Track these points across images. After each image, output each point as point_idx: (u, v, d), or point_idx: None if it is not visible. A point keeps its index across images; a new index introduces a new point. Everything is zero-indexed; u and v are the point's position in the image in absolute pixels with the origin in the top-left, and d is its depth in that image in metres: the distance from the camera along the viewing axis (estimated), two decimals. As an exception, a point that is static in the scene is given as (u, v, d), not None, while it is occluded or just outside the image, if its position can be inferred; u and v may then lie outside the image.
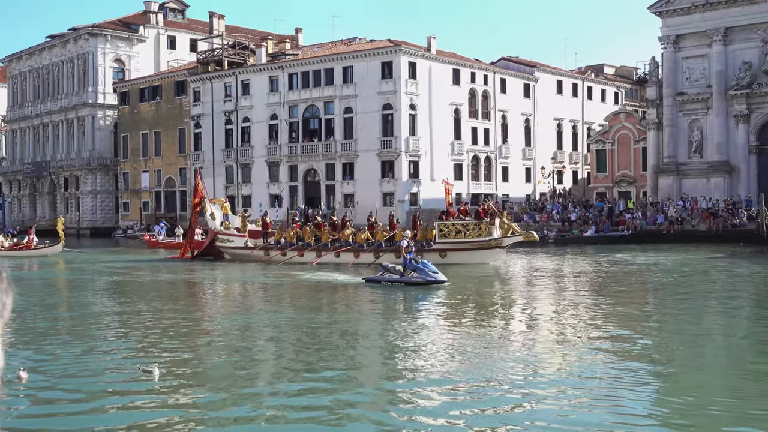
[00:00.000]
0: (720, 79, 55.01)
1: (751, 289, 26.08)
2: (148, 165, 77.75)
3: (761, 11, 53.53)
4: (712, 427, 9.72)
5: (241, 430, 9.84)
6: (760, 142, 54.45)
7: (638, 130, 61.56)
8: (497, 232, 33.26)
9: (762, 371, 12.99)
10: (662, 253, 39.78)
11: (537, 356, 14.08)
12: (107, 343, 16.23)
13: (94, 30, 79.47)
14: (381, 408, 10.76)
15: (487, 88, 68.49)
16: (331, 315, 19.82)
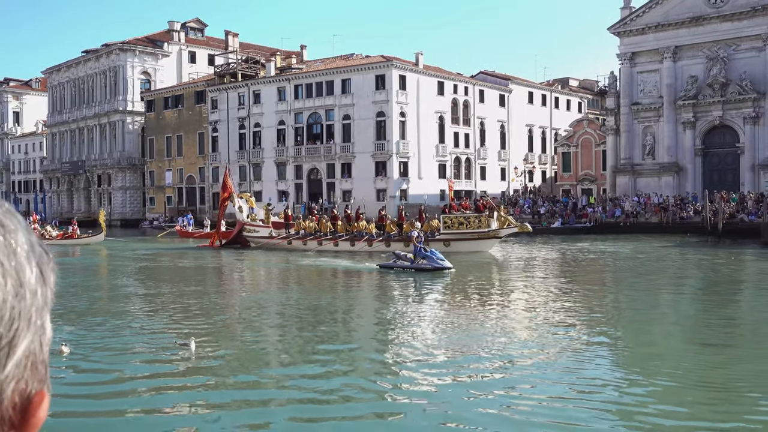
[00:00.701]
0: (670, 91, 55.10)
1: (696, 272, 26.14)
2: (172, 164, 77.50)
3: (705, 32, 53.59)
4: (663, 392, 9.71)
5: (263, 394, 9.74)
6: (704, 146, 54.59)
7: (599, 135, 61.63)
8: (495, 224, 33.04)
9: (705, 342, 13.02)
10: (619, 242, 39.85)
11: (516, 331, 14.10)
12: (148, 319, 16.05)
13: (124, 46, 79.15)
14: (387, 373, 10.72)
15: (468, 98, 68.44)
16: (352, 295, 19.56)
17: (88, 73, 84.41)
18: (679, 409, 8.88)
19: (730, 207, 46.70)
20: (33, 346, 0.44)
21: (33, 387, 0.45)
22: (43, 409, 0.46)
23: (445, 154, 65.88)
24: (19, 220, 0.48)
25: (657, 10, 55.53)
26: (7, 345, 0.41)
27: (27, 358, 0.44)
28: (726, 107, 52.92)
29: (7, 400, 0.43)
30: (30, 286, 0.44)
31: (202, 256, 35.51)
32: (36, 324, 0.45)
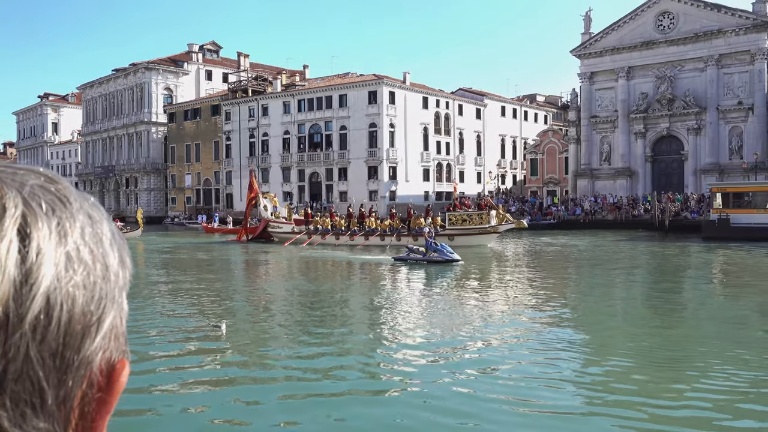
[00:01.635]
0: (624, 105, 55.14)
1: (646, 262, 26.13)
2: (191, 169, 77.03)
3: (655, 55, 53.66)
4: (616, 366, 9.60)
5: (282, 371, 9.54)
6: (653, 153, 54.66)
7: (562, 143, 61.66)
8: (494, 221, 32.51)
9: (653, 324, 12.92)
10: (580, 237, 39.82)
11: (495, 314, 13.96)
12: (189, 301, 15.80)
13: (149, 65, 78.57)
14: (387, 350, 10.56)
15: (448, 112, 68.24)
16: (372, 284, 19.11)
17: (117, 89, 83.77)
18: (629, 383, 8.77)
19: (676, 206, 46.79)
20: (116, 321, 0.47)
21: (116, 356, 0.48)
22: (124, 375, 0.48)
23: (429, 160, 65.70)
24: (102, 211, 0.50)
25: (613, 35, 55.54)
26: (97, 321, 0.44)
27: (111, 332, 0.46)
28: (672, 120, 52.99)
29: (96, 367, 0.45)
30: (113, 269, 0.47)
31: (233, 249, 34.83)
32: (118, 302, 0.47)
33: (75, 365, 0.43)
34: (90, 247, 0.45)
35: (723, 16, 50.75)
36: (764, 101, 49.42)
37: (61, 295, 0.40)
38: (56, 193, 0.45)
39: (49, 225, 0.41)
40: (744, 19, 49.92)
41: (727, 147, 50.96)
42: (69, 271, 0.41)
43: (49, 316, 0.40)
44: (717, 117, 51.09)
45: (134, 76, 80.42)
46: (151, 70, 78.47)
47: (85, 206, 0.48)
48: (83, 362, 0.44)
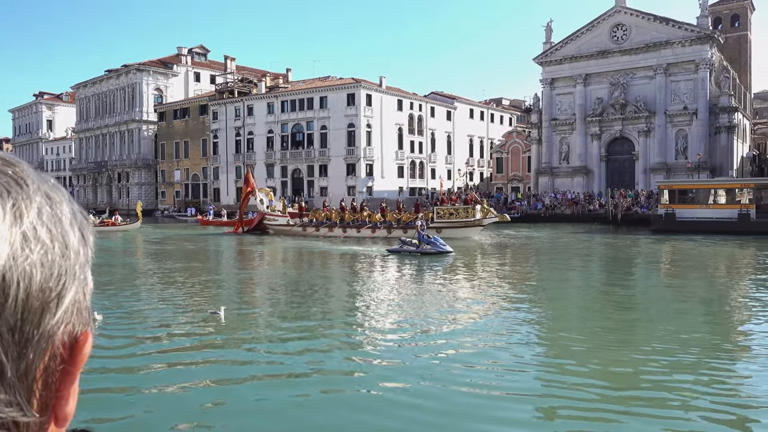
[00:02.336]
0: (581, 109, 55.73)
1: (602, 252, 26.60)
2: (180, 165, 76.15)
3: (609, 63, 54.31)
4: (571, 348, 9.84)
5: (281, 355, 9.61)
6: (608, 153, 55.38)
7: (525, 144, 62.19)
8: (479, 214, 32.29)
9: (607, 309, 13.26)
10: (541, 229, 40.31)
11: (468, 302, 14.17)
12: (189, 289, 15.73)
13: (140, 67, 77.30)
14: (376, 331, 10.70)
15: (421, 113, 68.43)
16: (368, 275, 18.84)
17: (110, 89, 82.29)
18: (584, 365, 9.01)
19: (627, 202, 47.53)
20: (78, 296, 0.46)
21: (79, 329, 0.47)
22: (87, 346, 0.47)
23: (403, 159, 65.87)
24: (63, 193, 0.49)
25: (571, 45, 56.12)
26: (57, 296, 0.43)
27: (73, 306, 0.45)
28: (625, 123, 53.70)
29: (58, 340, 0.44)
30: (74, 247, 0.46)
31: (230, 241, 34.08)
32: (80, 278, 0.46)
33: (35, 339, 0.43)
34: (48, 227, 0.44)
35: (671, 29, 51.60)
36: (707, 107, 50.43)
37: (17, 273, 0.40)
38: (13, 175, 0.43)
39: (3, 206, 0.40)
40: (689, 31, 50.82)
41: (673, 148, 51.86)
42: (25, 250, 0.41)
43: (6, 294, 0.39)
44: (665, 121, 51.96)
45: (126, 76, 79.10)
46: (142, 71, 77.25)
47: (44, 188, 0.46)
48: (44, 336, 0.43)
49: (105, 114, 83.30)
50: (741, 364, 8.65)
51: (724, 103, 50.42)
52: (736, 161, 52.15)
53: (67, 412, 0.47)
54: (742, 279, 18.44)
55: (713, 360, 8.76)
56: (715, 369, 8.28)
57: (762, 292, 15.62)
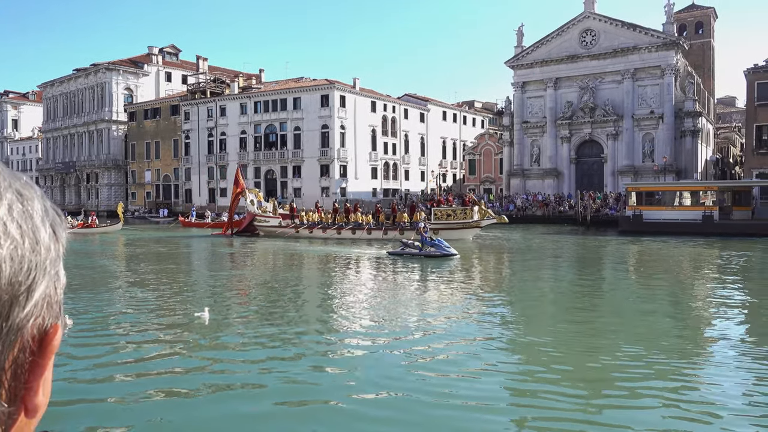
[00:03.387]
0: (551, 112, 56.43)
1: (571, 253, 27.03)
2: (150, 165, 75.05)
3: (579, 68, 55.14)
4: (542, 343, 10.04)
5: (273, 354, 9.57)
6: (577, 156, 56.18)
7: (497, 146, 62.73)
8: (476, 216, 31.79)
9: (576, 308, 13.53)
10: (513, 231, 40.73)
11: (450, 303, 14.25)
12: (171, 292, 15.55)
13: (110, 66, 76.02)
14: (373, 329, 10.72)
15: (395, 115, 68.66)
16: (374, 278, 18.07)
17: (78, 88, 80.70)
18: (560, 360, 9.19)
19: (596, 203, 48.36)
20: (48, 290, 0.46)
21: (48, 322, 0.47)
22: (57, 339, 0.47)
23: (377, 160, 65.99)
24: (35, 190, 0.50)
25: (542, 49, 56.87)
26: (26, 290, 0.44)
27: (43, 300, 0.45)
28: (594, 126, 54.57)
29: (28, 333, 0.45)
30: (44, 243, 0.46)
31: (222, 243, 32.75)
32: (50, 273, 0.46)
33: (4, 331, 0.43)
34: (18, 222, 0.44)
35: (638, 35, 52.70)
36: (672, 111, 51.62)
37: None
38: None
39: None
40: (655, 38, 51.97)
41: (640, 151, 52.91)
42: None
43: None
44: (632, 124, 52.98)
45: (95, 76, 77.68)
46: (111, 70, 75.97)
47: (15, 185, 0.48)
48: (12, 329, 0.44)
49: (73, 113, 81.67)
50: (706, 364, 8.94)
51: (688, 108, 51.67)
52: (701, 164, 53.47)
53: (37, 403, 0.47)
54: (707, 278, 18.99)
55: (680, 361, 9.03)
56: (681, 369, 8.54)
57: (726, 290, 16.12)
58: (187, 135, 70.96)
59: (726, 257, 24.45)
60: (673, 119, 51.54)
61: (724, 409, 6.78)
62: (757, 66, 47.33)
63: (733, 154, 75.38)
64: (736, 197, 41.08)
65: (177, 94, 75.20)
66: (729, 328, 11.17)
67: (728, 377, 7.99)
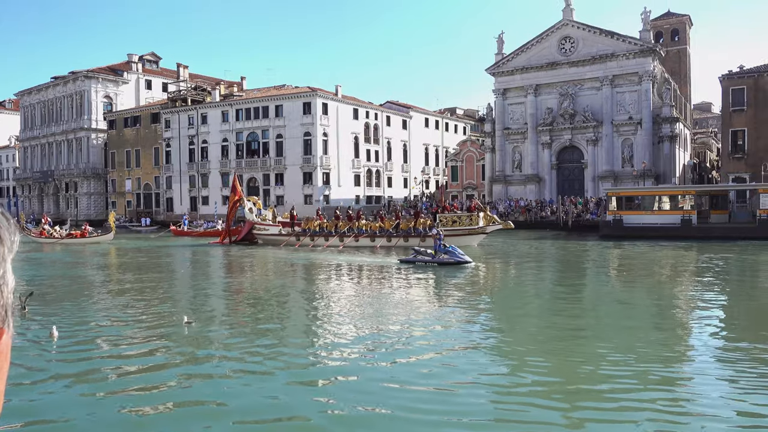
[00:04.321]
0: (532, 119, 56.95)
1: (552, 255, 27.36)
2: (131, 174, 74.31)
3: (558, 75, 55.78)
4: (523, 343, 10.20)
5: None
6: (558, 162, 56.73)
7: (479, 152, 63.13)
8: (482, 222, 31.41)
9: (559, 311, 13.73)
10: (496, 236, 40.97)
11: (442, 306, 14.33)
12: (168, 302, 15.44)
13: (89, 74, 75.26)
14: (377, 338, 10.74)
15: (377, 122, 68.85)
16: (390, 286, 17.38)
17: (56, 96, 79.70)
18: (537, 357, 9.34)
19: (577, 209, 48.91)
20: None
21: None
22: (3, 344, 0.45)
23: (360, 167, 66.08)
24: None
25: (522, 56, 57.48)
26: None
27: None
28: (574, 132, 55.19)
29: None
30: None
31: (221, 253, 31.57)
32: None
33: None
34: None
35: (616, 42, 53.55)
36: (650, 117, 52.47)
37: None
38: None
39: None
40: (633, 45, 52.85)
41: (620, 156, 53.64)
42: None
43: None
44: (611, 130, 53.71)
45: (74, 83, 76.81)
46: (90, 78, 75.22)
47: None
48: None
49: (51, 122, 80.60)
50: (686, 367, 9.15)
51: (666, 114, 52.56)
52: (678, 169, 54.37)
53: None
54: (686, 282, 19.35)
55: (660, 365, 9.23)
56: (661, 373, 8.74)
57: (705, 294, 16.46)
58: (167, 143, 70.46)
59: (704, 260, 24.92)
60: (651, 125, 52.36)
61: (704, 413, 6.97)
62: (732, 72, 48.40)
63: (709, 159, 76.80)
64: (714, 201, 41.88)
65: (157, 102, 74.69)
66: (708, 331, 11.44)
67: (707, 380, 8.20)
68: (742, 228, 37.53)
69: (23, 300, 12.94)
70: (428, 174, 75.82)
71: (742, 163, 47.25)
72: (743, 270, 22.79)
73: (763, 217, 36.95)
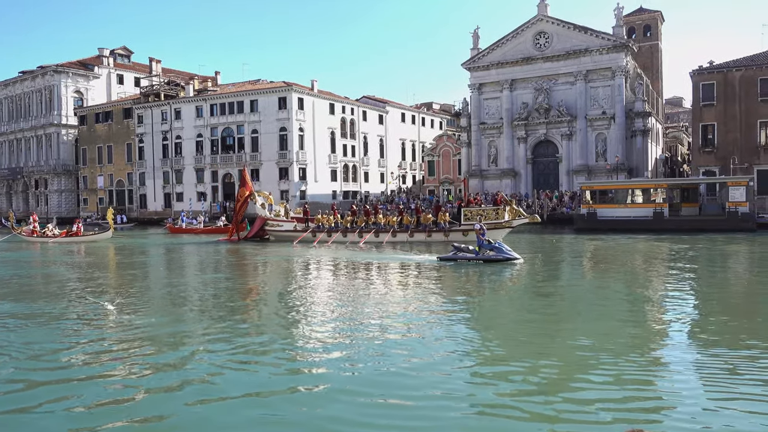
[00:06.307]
0: (508, 113, 57.41)
1: (528, 248, 27.61)
2: (103, 170, 73.05)
3: (533, 70, 56.28)
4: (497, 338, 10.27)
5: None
6: (534, 156, 57.29)
7: (455, 147, 63.42)
8: (507, 216, 30.46)
9: (535, 303, 13.87)
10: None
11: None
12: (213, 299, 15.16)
13: (58, 68, 73.72)
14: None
15: (354, 117, 68.76)
16: (443, 288, 15.90)
17: (24, 91, 77.92)
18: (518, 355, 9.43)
19: (552, 202, 49.50)
20: None
21: None
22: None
23: (336, 162, 65.96)
24: None
25: (497, 51, 57.85)
26: None
27: None
28: (549, 127, 55.80)
29: None
30: None
31: (233, 250, 29.77)
32: None
33: None
34: None
35: (589, 38, 54.20)
36: (623, 111, 53.25)
37: None
38: None
39: None
40: (606, 40, 53.55)
41: (594, 151, 54.38)
42: None
43: None
44: (585, 125, 54.41)
45: (42, 78, 75.22)
46: (60, 73, 73.72)
47: None
48: None
49: (19, 117, 78.84)
50: (660, 360, 9.33)
51: (638, 109, 53.40)
52: (651, 163, 55.30)
53: None
54: (658, 273, 19.73)
55: (632, 358, 9.40)
56: (634, 365, 8.91)
57: (678, 283, 16.81)
58: (140, 139, 69.46)
59: (676, 252, 25.43)
60: (624, 119, 53.15)
61: (675, 404, 7.11)
62: (702, 68, 49.35)
63: (681, 153, 78.30)
64: (685, 194, 42.75)
65: (130, 97, 73.53)
66: (679, 321, 11.69)
67: (681, 367, 8.38)
68: (712, 220, 38.38)
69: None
70: (405, 169, 76.00)
71: (712, 156, 48.27)
72: (713, 260, 23.32)
73: (732, 210, 37.85)
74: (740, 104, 47.05)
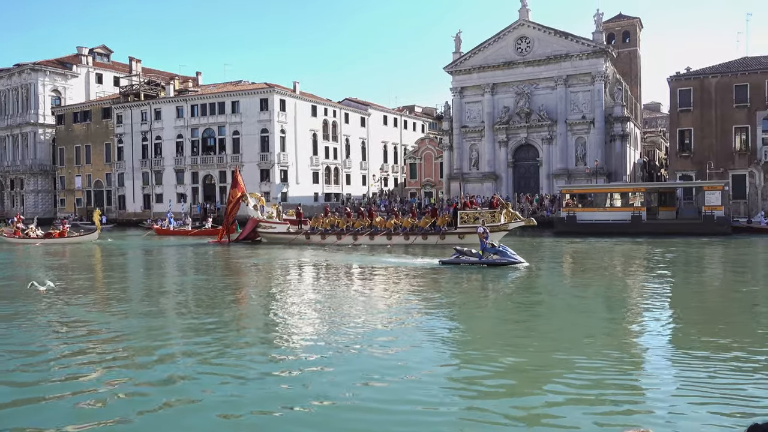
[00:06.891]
0: (489, 117, 57.66)
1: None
2: (81, 170, 72.05)
3: (514, 74, 56.63)
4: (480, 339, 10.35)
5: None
6: (514, 159, 57.56)
7: (437, 150, 63.57)
8: (503, 219, 30.38)
9: (512, 307, 13.97)
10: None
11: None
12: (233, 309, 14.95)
13: (35, 66, 72.56)
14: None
15: (336, 120, 68.70)
16: (444, 293, 15.62)
17: (1, 90, 76.58)
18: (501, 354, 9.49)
19: (533, 206, 49.86)
20: None
21: None
22: None
23: (318, 164, 65.81)
24: None
25: (479, 55, 58.16)
26: None
27: None
28: (529, 131, 56.15)
29: None
30: None
31: (226, 253, 28.94)
32: None
33: None
34: None
35: (570, 43, 54.75)
36: (602, 116, 53.87)
37: None
38: None
39: None
40: (586, 46, 54.14)
41: (573, 155, 54.87)
42: None
43: None
44: (565, 129, 54.89)
45: (19, 77, 74.00)
46: (37, 71, 72.57)
47: None
48: None
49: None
50: (637, 361, 9.45)
51: (617, 113, 54.06)
52: (629, 167, 56.00)
53: None
54: (636, 276, 19.98)
55: (610, 361, 9.51)
56: (612, 369, 9.01)
57: (656, 284, 17.04)
58: (120, 139, 68.65)
59: (654, 254, 25.79)
60: (604, 124, 53.75)
61: (657, 399, 7.21)
62: (679, 74, 50.18)
63: (658, 158, 79.44)
64: (662, 198, 43.41)
65: (109, 97, 72.64)
66: (658, 319, 11.85)
67: (655, 372, 8.50)
68: (688, 224, 39.00)
69: None
70: (387, 171, 76.12)
71: (689, 161, 49.04)
72: (689, 263, 23.69)
73: (708, 214, 38.50)
74: (716, 110, 47.90)
